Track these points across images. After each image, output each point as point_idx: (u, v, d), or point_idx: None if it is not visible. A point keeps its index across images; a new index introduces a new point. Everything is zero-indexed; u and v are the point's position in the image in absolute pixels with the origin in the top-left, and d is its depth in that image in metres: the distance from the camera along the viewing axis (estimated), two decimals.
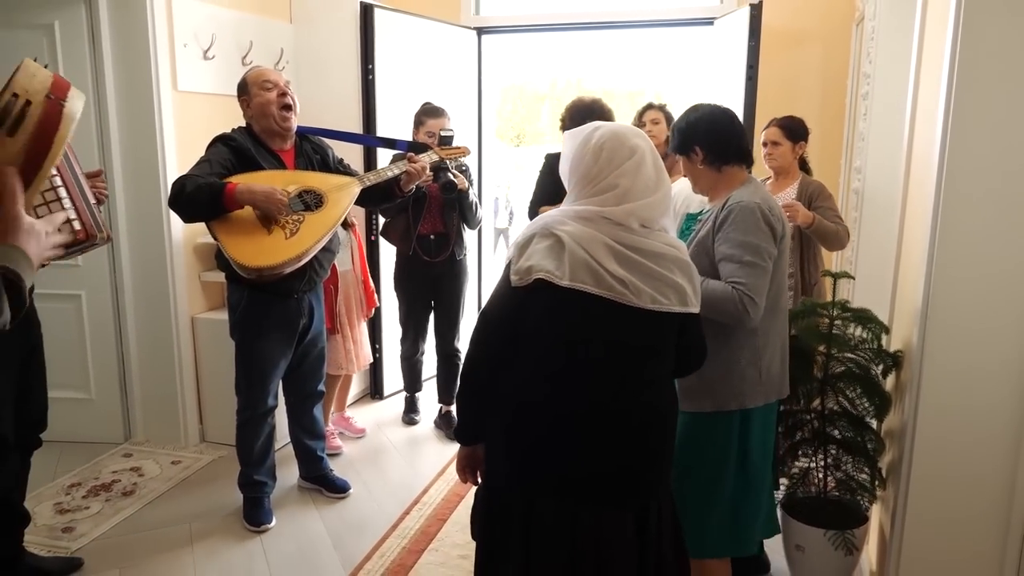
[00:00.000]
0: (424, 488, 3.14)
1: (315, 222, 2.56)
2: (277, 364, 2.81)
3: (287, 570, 2.55)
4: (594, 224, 1.49)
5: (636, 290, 1.45)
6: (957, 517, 2.05)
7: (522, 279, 1.49)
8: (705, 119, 1.98)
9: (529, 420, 1.54)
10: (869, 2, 3.41)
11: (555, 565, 1.53)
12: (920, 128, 2.32)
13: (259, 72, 2.67)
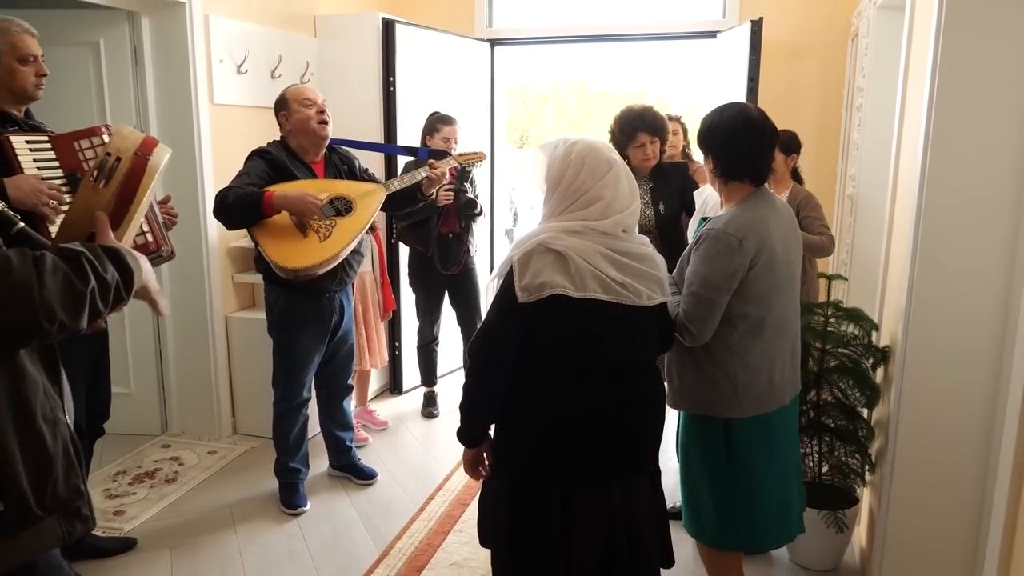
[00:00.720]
0: (446, 475, 3.36)
1: (346, 226, 2.78)
2: (311, 359, 3.02)
3: (324, 548, 2.77)
4: (587, 236, 1.65)
5: (635, 291, 1.65)
6: (937, 498, 2.25)
7: (533, 295, 1.60)
8: (727, 128, 1.97)
9: (560, 420, 1.69)
10: (863, 20, 3.62)
11: (594, 542, 1.71)
12: (906, 140, 2.53)
13: (299, 90, 2.88)
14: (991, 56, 2.02)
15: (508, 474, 1.78)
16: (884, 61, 3.32)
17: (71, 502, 1.20)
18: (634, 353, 1.74)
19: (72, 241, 1.21)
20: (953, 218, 2.11)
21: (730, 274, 1.86)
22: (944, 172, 2.10)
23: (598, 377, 1.70)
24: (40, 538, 1.15)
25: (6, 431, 1.11)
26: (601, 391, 1.70)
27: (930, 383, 2.22)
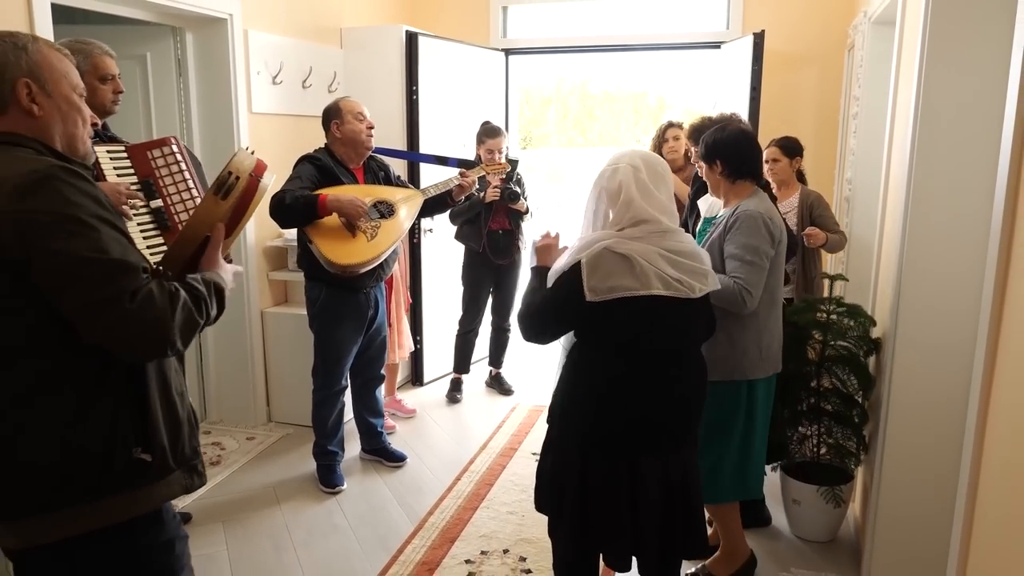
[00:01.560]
0: (471, 459, 3.61)
1: (390, 228, 3.03)
2: (349, 350, 3.27)
3: (363, 522, 3.02)
4: (646, 240, 1.87)
5: (689, 285, 1.87)
6: (922, 475, 2.49)
7: (601, 296, 1.82)
8: (729, 140, 2.39)
9: (623, 398, 1.90)
10: (858, 33, 3.86)
11: (656, 507, 1.93)
12: (896, 148, 2.77)
13: (352, 104, 3.13)
14: (970, 69, 2.26)
15: (575, 450, 1.96)
16: (878, 72, 3.56)
17: (192, 459, 1.44)
18: (687, 339, 1.98)
19: (190, 241, 1.45)
20: (936, 220, 2.35)
21: (770, 244, 2.25)
22: (927, 178, 2.34)
23: (655, 360, 1.92)
24: (171, 487, 1.38)
25: (154, 399, 1.34)
26: (657, 372, 1.92)
27: (916, 371, 2.46)
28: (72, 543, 1.28)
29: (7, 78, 1.29)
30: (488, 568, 2.68)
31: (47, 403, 1.24)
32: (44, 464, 1.24)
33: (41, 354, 1.24)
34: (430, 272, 4.51)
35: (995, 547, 1.47)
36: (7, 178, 1.21)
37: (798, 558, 2.76)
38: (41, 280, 1.21)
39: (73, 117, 1.38)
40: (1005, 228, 1.48)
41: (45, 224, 1.19)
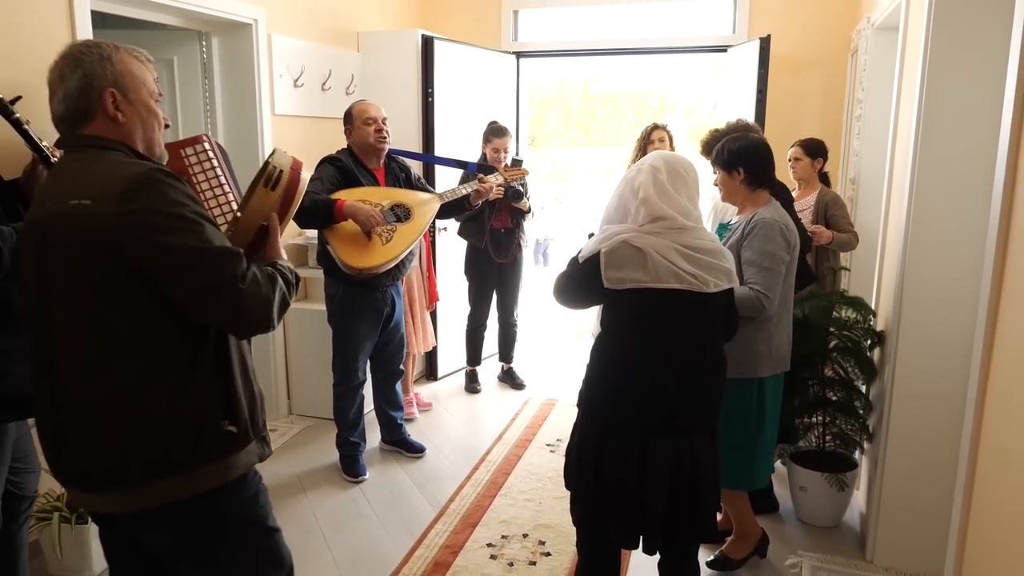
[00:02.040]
0: (487, 449, 3.73)
1: (405, 232, 3.15)
2: (366, 345, 3.39)
3: (387, 509, 3.14)
4: (663, 235, 1.99)
5: (703, 280, 1.98)
6: (923, 463, 2.61)
7: (615, 285, 1.95)
8: (752, 149, 2.50)
9: (638, 381, 2.01)
10: (862, 38, 3.98)
11: (663, 486, 2.04)
12: (899, 149, 2.89)
13: (363, 108, 3.25)
14: (971, 74, 2.38)
15: (594, 428, 2.09)
16: (881, 76, 3.69)
17: (263, 431, 1.57)
18: (700, 329, 2.07)
19: (247, 232, 1.56)
20: (937, 219, 2.48)
21: (786, 250, 2.38)
22: (929, 178, 2.47)
23: (669, 348, 2.03)
24: (250, 456, 1.51)
25: (236, 378, 1.47)
26: (671, 359, 2.03)
27: (917, 363, 2.59)
28: (171, 508, 1.41)
29: (95, 87, 1.39)
30: (509, 551, 2.80)
31: (150, 385, 1.37)
32: (149, 438, 1.37)
33: (146, 341, 1.36)
34: (444, 270, 4.63)
35: (991, 529, 1.59)
36: (113, 181, 1.32)
37: (805, 542, 2.88)
38: (156, 272, 1.33)
39: (151, 122, 1.49)
40: (1002, 228, 1.61)
41: (155, 222, 1.30)
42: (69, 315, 1.37)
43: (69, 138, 1.44)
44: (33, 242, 1.41)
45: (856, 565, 2.73)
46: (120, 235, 1.30)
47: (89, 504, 1.50)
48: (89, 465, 1.40)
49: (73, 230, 1.33)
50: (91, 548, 2.56)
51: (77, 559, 2.56)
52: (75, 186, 1.36)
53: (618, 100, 19.15)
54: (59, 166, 1.46)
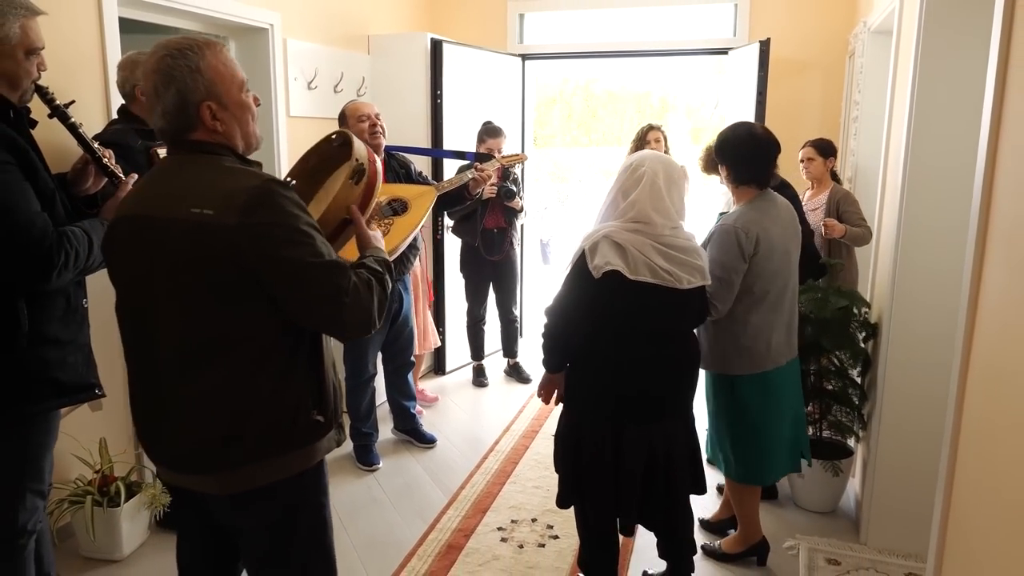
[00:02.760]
0: (495, 440, 3.86)
1: (402, 224, 3.27)
2: (375, 340, 3.51)
3: (400, 496, 3.27)
4: (640, 233, 2.11)
5: (677, 277, 2.10)
6: (915, 452, 2.72)
7: (599, 271, 2.06)
8: (731, 144, 2.49)
9: (614, 372, 2.17)
10: (859, 41, 4.11)
11: (639, 467, 2.19)
12: (892, 149, 3.01)
13: (356, 106, 3.36)
14: (960, 76, 2.49)
15: (574, 414, 2.28)
16: (877, 78, 3.80)
17: (339, 419, 1.66)
18: (674, 323, 2.22)
19: (328, 226, 1.63)
20: (928, 217, 2.60)
21: (737, 258, 2.37)
22: (921, 177, 2.59)
23: (644, 340, 2.17)
24: (329, 442, 1.59)
25: (326, 372, 1.58)
26: (646, 351, 2.17)
27: (909, 356, 2.71)
28: (262, 490, 1.50)
29: (191, 103, 1.43)
30: (519, 534, 2.93)
31: (255, 377, 1.45)
32: (252, 426, 1.46)
33: (254, 338, 1.44)
34: (452, 266, 4.76)
35: (971, 508, 1.70)
36: (234, 192, 1.39)
37: (802, 526, 3.01)
38: (271, 281, 1.41)
39: (246, 117, 1.53)
40: (980, 227, 1.73)
41: (274, 235, 1.38)
42: (180, 313, 1.43)
43: (174, 143, 1.49)
44: (140, 242, 1.46)
45: (851, 547, 2.85)
46: (242, 246, 1.38)
47: (187, 485, 1.56)
48: (193, 451, 1.48)
49: (193, 237, 1.39)
50: (121, 530, 2.69)
51: (108, 541, 2.69)
52: (192, 194, 1.41)
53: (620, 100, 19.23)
54: (167, 169, 1.51)
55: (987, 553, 1.49)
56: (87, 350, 2.01)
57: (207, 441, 1.46)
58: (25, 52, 1.80)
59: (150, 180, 1.54)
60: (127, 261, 1.50)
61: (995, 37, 1.66)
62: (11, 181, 1.71)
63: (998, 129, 1.65)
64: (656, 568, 2.61)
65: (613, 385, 2.18)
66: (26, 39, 1.80)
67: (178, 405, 1.47)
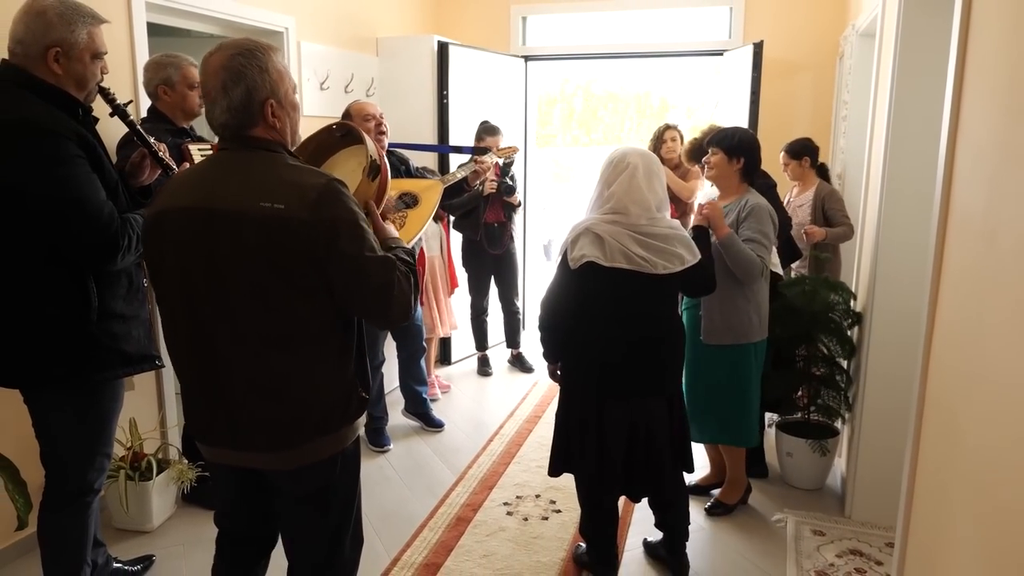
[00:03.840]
0: (500, 424, 4.05)
1: (415, 216, 3.46)
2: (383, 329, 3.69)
3: (411, 474, 3.46)
4: (618, 224, 2.29)
5: (652, 263, 2.28)
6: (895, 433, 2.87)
7: (577, 263, 2.26)
8: (752, 144, 2.88)
9: (595, 352, 2.36)
10: (848, 43, 4.29)
11: (620, 440, 2.38)
12: (875, 146, 3.18)
13: (361, 107, 3.52)
14: (936, 77, 2.63)
15: (565, 395, 2.49)
16: (865, 79, 3.97)
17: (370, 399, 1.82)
18: (651, 306, 2.38)
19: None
20: (905, 211, 2.76)
21: (773, 231, 2.77)
22: (899, 175, 2.76)
23: (623, 322, 2.35)
24: (364, 419, 1.74)
25: (366, 356, 1.72)
26: (624, 332, 2.35)
27: (888, 342, 2.88)
28: (320, 464, 1.63)
29: (257, 100, 1.52)
30: (523, 508, 3.12)
31: (320, 363, 1.58)
32: (316, 407, 1.59)
33: (319, 326, 1.56)
34: (458, 260, 4.93)
35: (934, 477, 1.89)
36: (304, 189, 1.48)
37: (790, 502, 3.19)
38: (334, 272, 1.51)
39: (296, 117, 1.63)
40: (940, 222, 1.91)
41: (341, 229, 1.49)
42: (253, 303, 1.51)
43: (234, 139, 1.56)
44: (200, 233, 1.51)
45: (835, 520, 3.03)
46: (313, 239, 1.47)
47: (251, 463, 1.65)
48: (260, 431, 1.58)
49: (266, 230, 1.46)
50: (152, 502, 2.88)
51: (140, 513, 2.88)
52: (261, 189, 1.48)
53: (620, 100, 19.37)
54: (224, 163, 1.57)
55: (948, 515, 1.67)
56: (148, 325, 2.21)
57: (279, 422, 1.57)
58: (91, 56, 2.00)
59: (205, 173, 1.59)
60: (183, 251, 1.53)
61: (953, 46, 1.83)
62: (82, 174, 1.91)
63: (955, 135, 1.83)
64: (653, 536, 2.79)
65: (595, 363, 2.37)
66: (92, 44, 2.00)
67: (249, 390, 1.56)
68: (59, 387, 2.04)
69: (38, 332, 1.97)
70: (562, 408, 2.51)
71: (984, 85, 1.59)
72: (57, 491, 2.14)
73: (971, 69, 1.75)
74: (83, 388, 2.05)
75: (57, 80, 1.95)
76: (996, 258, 1.39)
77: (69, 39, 1.95)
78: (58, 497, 2.14)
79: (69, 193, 1.89)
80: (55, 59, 1.94)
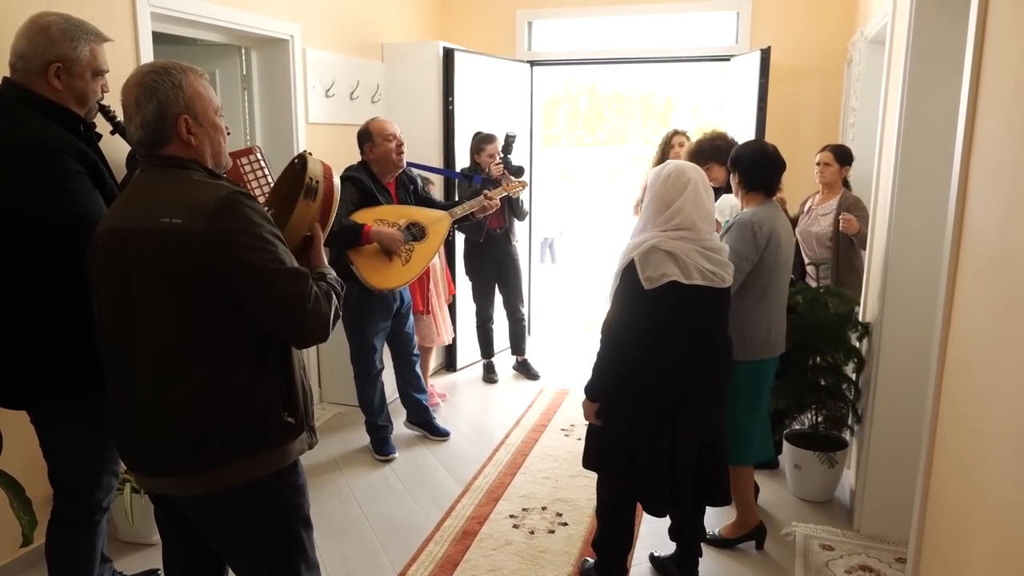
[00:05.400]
0: (506, 433, 4.03)
1: (422, 251, 3.46)
2: (381, 338, 3.67)
3: (416, 485, 3.44)
4: (685, 240, 2.25)
5: (721, 277, 2.27)
6: (905, 446, 2.86)
7: (655, 283, 2.16)
8: (748, 157, 2.77)
9: (668, 368, 2.28)
10: (856, 49, 4.25)
11: (693, 454, 2.32)
12: (885, 155, 3.15)
13: (382, 125, 3.49)
14: (947, 85, 2.61)
15: (626, 411, 2.32)
16: (873, 86, 3.95)
17: (311, 422, 1.75)
18: (717, 319, 2.37)
19: (293, 240, 1.73)
20: (916, 221, 2.74)
21: (751, 248, 2.61)
22: (910, 182, 2.74)
23: (696, 337, 2.31)
24: (301, 444, 1.66)
25: (295, 375, 1.67)
26: (696, 347, 2.31)
27: (898, 353, 2.85)
28: (235, 491, 1.57)
29: (170, 115, 1.52)
30: (530, 521, 3.10)
31: (226, 380, 1.53)
32: (223, 428, 1.53)
33: (224, 342, 1.52)
34: (461, 266, 4.91)
35: (947, 489, 1.86)
36: (201, 202, 1.47)
37: (799, 515, 3.16)
38: (237, 285, 1.49)
39: (217, 138, 1.62)
40: (955, 233, 1.88)
41: (240, 240, 1.46)
42: (156, 321, 1.51)
43: (148, 158, 1.57)
44: (116, 254, 1.53)
45: (844, 534, 3.01)
46: (210, 252, 1.45)
47: (161, 489, 1.60)
48: (166, 454, 1.53)
49: (164, 246, 1.46)
50: None
51: (145, 526, 2.87)
52: (163, 206, 1.48)
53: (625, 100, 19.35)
54: (140, 184, 1.58)
55: (961, 533, 1.65)
56: None
57: (181, 443, 1.52)
58: (92, 73, 2.00)
59: (126, 195, 1.61)
60: (104, 274, 1.57)
61: (969, 51, 1.81)
62: (84, 190, 1.92)
63: (970, 144, 1.80)
64: (661, 551, 2.77)
65: (673, 381, 2.29)
66: (94, 62, 2.00)
67: (154, 410, 1.53)
68: (63, 404, 2.03)
69: (42, 348, 1.96)
70: (618, 427, 2.35)
71: (1000, 97, 1.57)
72: (65, 509, 2.13)
73: (986, 80, 1.73)
74: (86, 405, 2.03)
75: (57, 96, 1.95)
76: (1013, 272, 1.36)
77: (71, 55, 1.96)
78: (66, 515, 2.13)
79: (72, 208, 1.90)
80: (56, 75, 1.94)
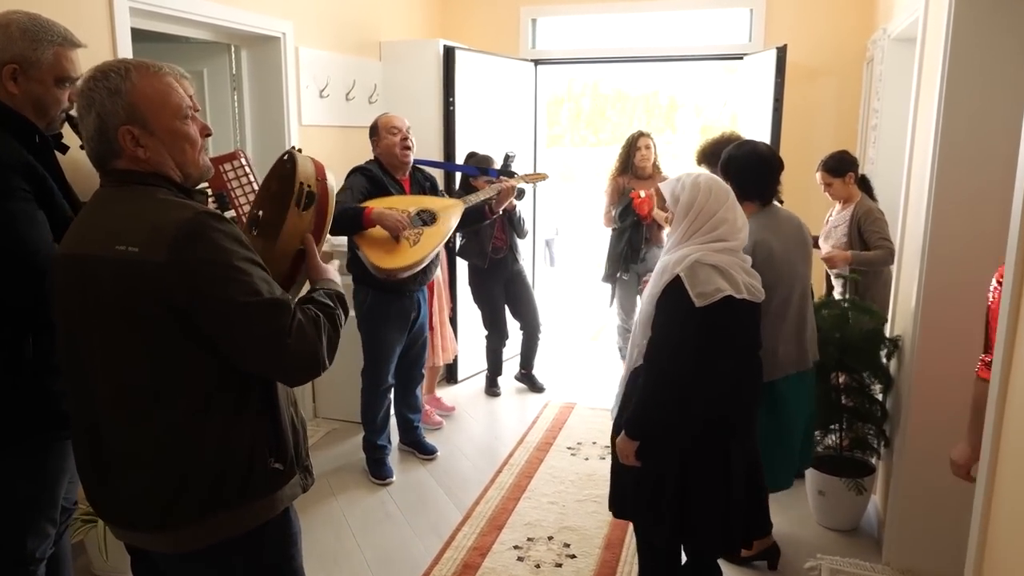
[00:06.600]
0: (510, 452, 3.82)
1: (431, 234, 3.24)
2: (395, 349, 3.48)
3: (414, 511, 3.23)
4: (727, 253, 2.08)
5: (759, 291, 2.12)
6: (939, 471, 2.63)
7: (708, 299, 1.98)
8: (738, 161, 2.54)
9: (722, 393, 2.09)
10: (878, 48, 4.04)
11: (742, 482, 2.14)
12: (916, 161, 2.94)
13: (388, 119, 3.35)
14: (990, 87, 2.43)
15: (675, 446, 2.09)
16: (898, 86, 3.74)
17: (306, 461, 1.57)
18: (757, 335, 2.21)
19: (285, 256, 1.55)
20: (956, 233, 2.53)
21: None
22: (948, 190, 2.53)
23: (744, 355, 2.15)
24: (294, 489, 1.49)
25: (282, 413, 1.47)
26: (744, 366, 2.15)
27: (935, 373, 2.63)
28: (216, 547, 1.40)
29: (110, 127, 1.33)
30: (535, 553, 2.89)
31: (199, 426, 1.35)
32: (199, 480, 1.36)
33: (193, 383, 1.34)
34: (464, 277, 4.70)
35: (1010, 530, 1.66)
36: (161, 227, 1.28)
37: (824, 545, 2.95)
38: (205, 321, 1.31)
39: (180, 145, 1.40)
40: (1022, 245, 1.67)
41: (205, 272, 1.28)
42: (117, 359, 1.34)
43: (105, 173, 1.41)
44: (73, 281, 1.37)
45: (872, 567, 2.80)
46: (171, 285, 1.28)
47: (135, 542, 1.46)
48: (137, 506, 1.38)
49: (120, 277, 1.30)
50: None
51: (121, 560, 2.65)
52: (119, 230, 1.31)
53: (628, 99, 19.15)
54: (98, 200, 1.42)
55: None
56: None
57: (154, 497, 1.36)
58: (55, 79, 1.78)
59: (85, 214, 1.43)
60: (61, 303, 1.41)
61: None
62: (23, 210, 1.67)
63: None
64: None
65: (722, 405, 2.10)
66: (58, 67, 1.78)
67: (120, 458, 1.38)
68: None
69: None
70: (672, 471, 2.11)
71: None
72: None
73: None
74: (17, 453, 1.79)
75: (12, 101, 1.73)
76: None
77: (30, 57, 1.74)
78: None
79: (4, 230, 1.65)
80: (12, 76, 1.73)
